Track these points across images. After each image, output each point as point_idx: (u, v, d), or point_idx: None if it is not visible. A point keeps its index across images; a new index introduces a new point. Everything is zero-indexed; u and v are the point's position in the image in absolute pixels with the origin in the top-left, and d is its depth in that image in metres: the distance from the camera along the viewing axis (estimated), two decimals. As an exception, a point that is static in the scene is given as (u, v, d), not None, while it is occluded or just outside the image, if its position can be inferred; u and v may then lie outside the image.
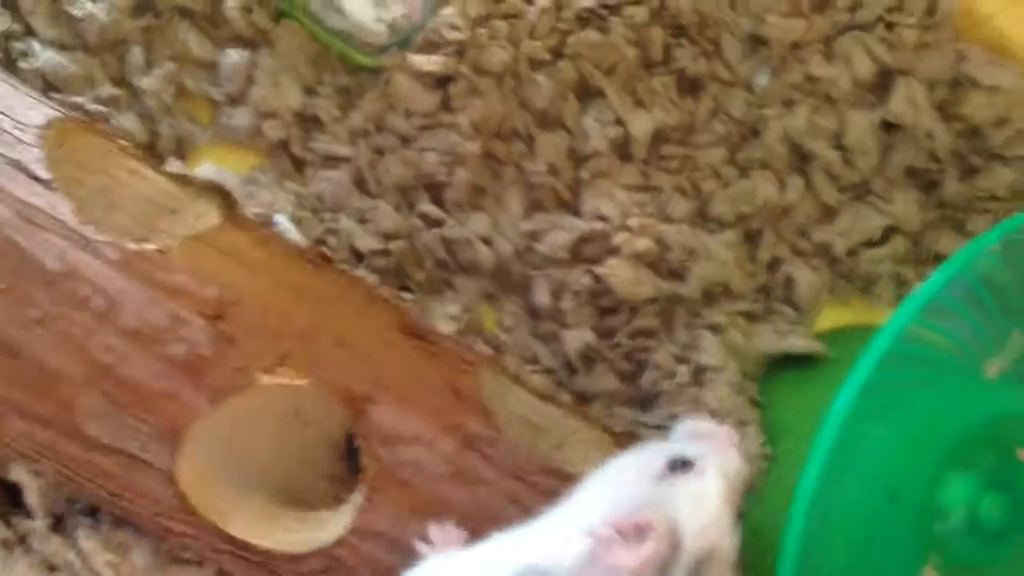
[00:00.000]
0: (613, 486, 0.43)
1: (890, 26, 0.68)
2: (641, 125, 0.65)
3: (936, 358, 0.54)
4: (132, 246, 0.47)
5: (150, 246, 0.48)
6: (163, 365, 0.47)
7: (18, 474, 0.51)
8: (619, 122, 0.65)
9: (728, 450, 0.45)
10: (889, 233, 0.68)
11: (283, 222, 0.58)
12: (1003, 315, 0.54)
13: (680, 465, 0.43)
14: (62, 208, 0.47)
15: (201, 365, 0.47)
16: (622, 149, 0.66)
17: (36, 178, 0.48)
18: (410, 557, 0.47)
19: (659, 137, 0.66)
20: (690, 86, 0.68)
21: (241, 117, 0.61)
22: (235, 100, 0.61)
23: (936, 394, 0.56)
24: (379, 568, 0.49)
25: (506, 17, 0.63)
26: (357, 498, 0.49)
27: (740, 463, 0.45)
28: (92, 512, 0.50)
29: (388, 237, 0.60)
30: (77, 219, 0.47)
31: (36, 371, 0.47)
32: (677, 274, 0.64)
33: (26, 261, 0.46)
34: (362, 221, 0.61)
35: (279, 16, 0.62)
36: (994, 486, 0.58)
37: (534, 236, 0.63)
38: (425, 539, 0.48)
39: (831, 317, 0.69)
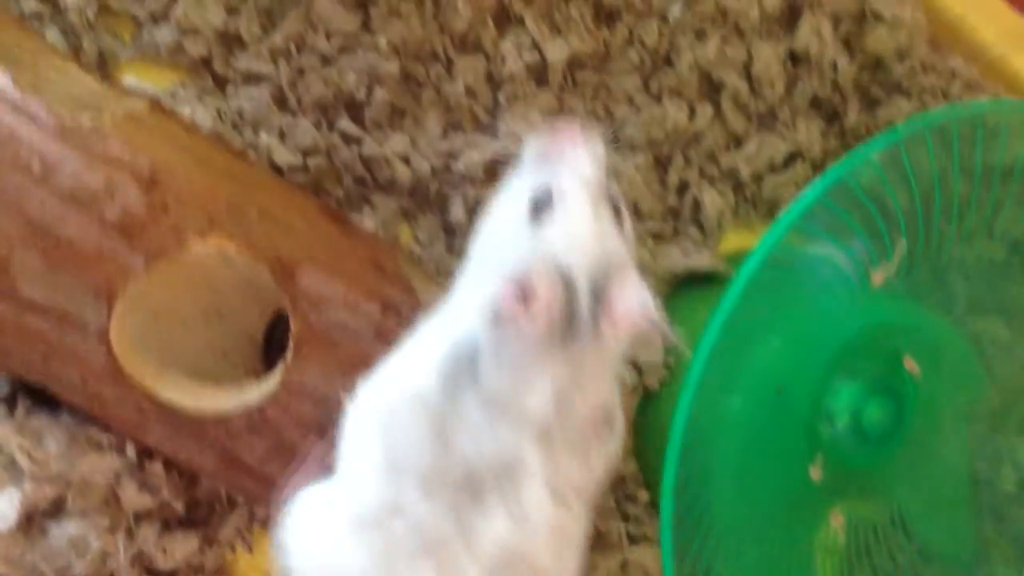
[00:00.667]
0: (493, 251, 0.43)
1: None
2: (557, 52, 0.67)
3: (823, 267, 0.58)
4: (68, 119, 0.49)
5: (86, 120, 0.49)
6: (99, 227, 0.48)
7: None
8: (536, 47, 0.67)
9: (577, 156, 0.43)
10: (792, 159, 0.72)
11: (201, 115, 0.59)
12: (887, 224, 0.57)
13: (542, 204, 0.41)
14: (1, 79, 0.49)
15: (136, 228, 0.49)
16: (538, 74, 0.68)
17: None
18: (337, 413, 0.45)
19: (575, 63, 0.69)
20: (606, 15, 0.70)
21: (163, 34, 0.62)
22: (157, 18, 0.62)
23: (824, 302, 0.60)
24: (306, 423, 0.51)
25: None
26: (285, 358, 0.51)
27: (592, 161, 0.43)
28: (7, 400, 0.52)
29: (307, 153, 0.62)
30: (15, 89, 0.48)
31: None
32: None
33: None
34: (282, 137, 0.62)
35: (201, -65, 0.63)
36: (879, 392, 0.62)
37: (451, 155, 0.65)
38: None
39: (735, 240, 0.72)
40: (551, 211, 0.41)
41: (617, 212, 0.43)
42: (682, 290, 0.69)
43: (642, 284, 0.40)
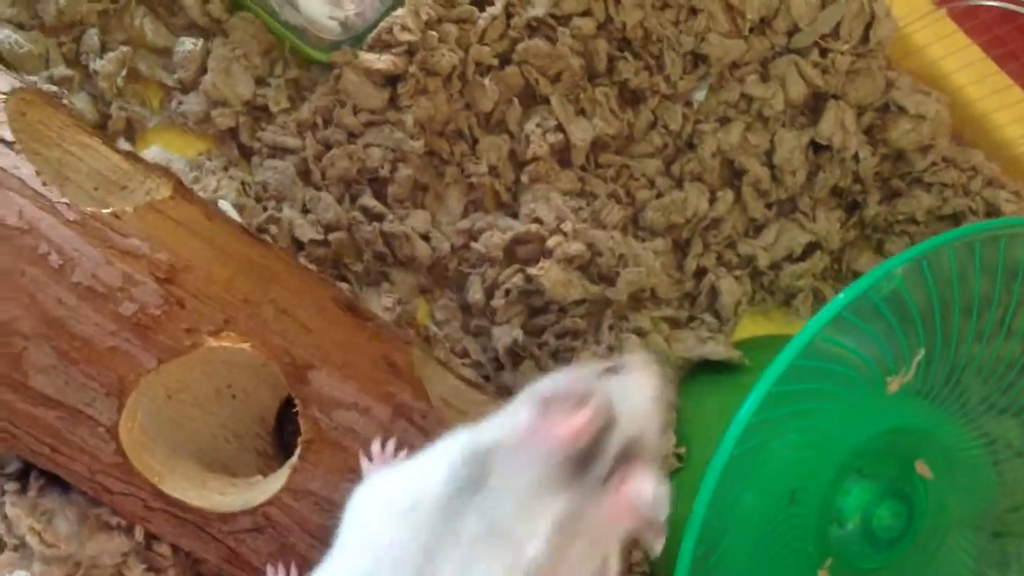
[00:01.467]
0: (552, 381, 0.43)
1: (824, 52, 0.71)
2: (581, 133, 0.68)
3: (842, 372, 0.58)
4: (89, 209, 0.49)
5: (106, 210, 0.49)
6: (114, 324, 0.48)
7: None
8: (560, 129, 0.67)
9: (650, 366, 0.45)
10: (811, 249, 0.72)
11: (227, 207, 0.59)
12: (906, 334, 0.57)
13: (613, 370, 0.43)
14: (24, 169, 0.48)
15: (151, 325, 0.49)
16: (561, 155, 0.68)
17: (0, 139, 0.49)
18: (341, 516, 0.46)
19: (598, 145, 0.69)
20: (631, 98, 0.70)
21: (192, 103, 0.62)
22: (187, 87, 0.63)
23: (840, 406, 0.60)
24: (310, 526, 0.51)
25: (458, 22, 0.65)
26: (292, 460, 0.51)
27: (661, 378, 0.45)
28: (19, 478, 0.52)
29: (329, 228, 0.62)
30: (38, 180, 0.48)
31: None
32: (606, 278, 0.67)
33: None
34: (304, 211, 0.63)
35: (235, 7, 0.64)
36: (890, 496, 0.62)
37: (471, 234, 0.65)
38: (368, 455, 0.50)
39: (751, 327, 0.72)
40: (619, 376, 0.43)
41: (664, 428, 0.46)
42: (696, 375, 0.69)
43: (662, 484, 0.40)
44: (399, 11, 0.64)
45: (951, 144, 0.74)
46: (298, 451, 0.50)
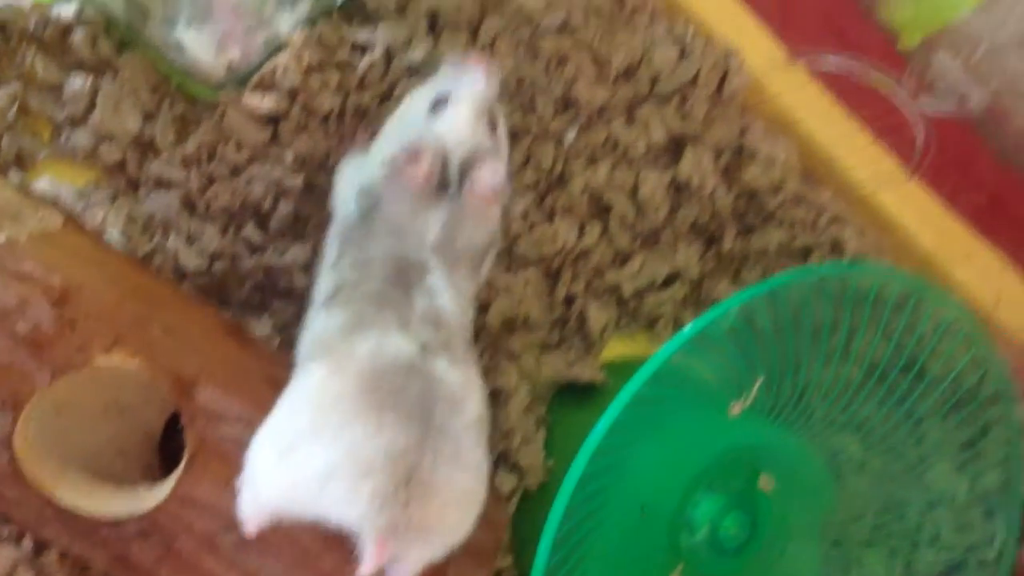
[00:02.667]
0: (397, 128, 0.60)
1: (684, 100, 0.77)
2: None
3: (689, 396, 0.63)
4: None
5: (2, 238, 0.52)
6: (10, 341, 0.52)
7: None
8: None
9: (477, 79, 0.59)
10: (671, 279, 0.77)
11: (114, 237, 0.62)
12: (747, 364, 0.63)
13: (440, 104, 0.58)
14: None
15: (44, 343, 0.52)
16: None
17: None
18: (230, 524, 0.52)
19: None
20: (512, 135, 0.75)
21: (80, 138, 0.65)
22: (76, 122, 0.66)
23: (689, 426, 0.65)
24: (196, 533, 0.54)
25: (339, 66, 0.70)
26: (178, 470, 0.54)
27: (485, 86, 0.59)
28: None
29: (212, 258, 0.65)
30: None
31: None
32: (481, 306, 0.71)
33: None
34: (189, 241, 0.66)
35: (123, 46, 0.67)
36: (735, 507, 0.67)
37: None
38: None
39: (618, 347, 0.77)
40: (444, 110, 0.57)
41: (494, 124, 0.59)
42: (563, 396, 0.74)
43: (500, 170, 0.56)
44: (282, 55, 0.68)
45: (802, 183, 0.80)
46: (184, 462, 0.53)
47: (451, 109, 0.57)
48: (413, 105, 0.60)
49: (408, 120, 0.60)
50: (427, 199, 0.55)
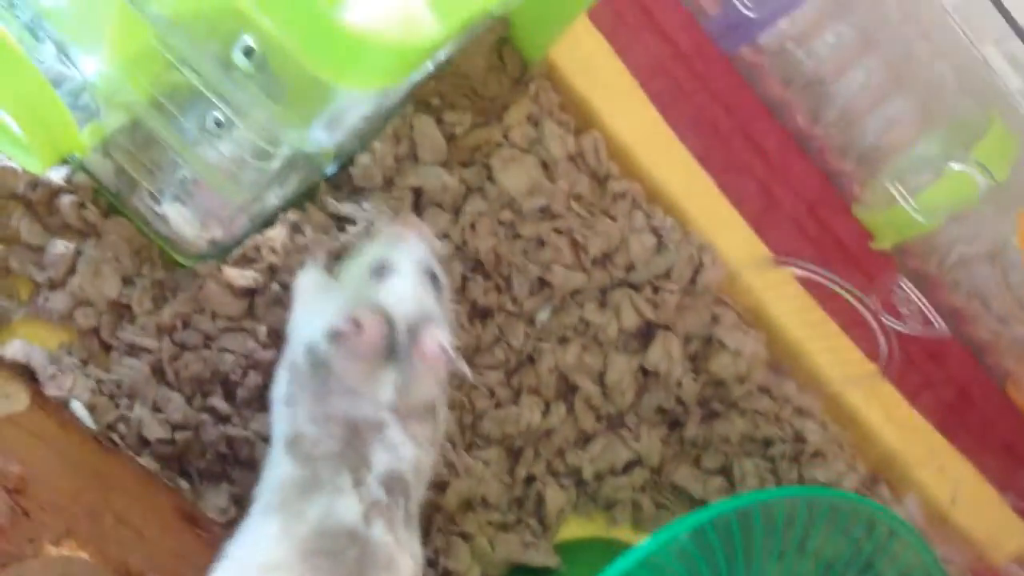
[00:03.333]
0: (338, 295, 0.60)
1: (656, 289, 0.79)
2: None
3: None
4: None
5: None
6: None
7: None
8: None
9: (415, 244, 0.61)
10: (632, 465, 0.78)
11: (79, 408, 0.63)
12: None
13: (381, 269, 0.59)
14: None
15: None
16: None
17: None
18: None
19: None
20: (481, 313, 0.77)
21: (57, 301, 0.66)
22: (55, 285, 0.67)
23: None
24: None
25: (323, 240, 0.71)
26: None
27: (426, 249, 0.61)
28: None
29: (176, 427, 0.66)
30: None
31: None
32: (438, 485, 0.72)
33: None
34: (156, 410, 0.67)
35: (111, 211, 0.68)
36: None
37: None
38: None
39: (575, 527, 0.78)
40: (388, 277, 0.59)
41: (437, 284, 0.61)
42: (518, 574, 0.75)
43: (446, 333, 0.58)
44: (271, 231, 0.69)
45: (769, 374, 0.82)
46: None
47: (394, 277, 0.59)
48: (354, 271, 0.62)
49: (350, 287, 0.61)
50: (377, 364, 0.57)
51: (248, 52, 0.48)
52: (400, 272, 0.59)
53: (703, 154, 0.82)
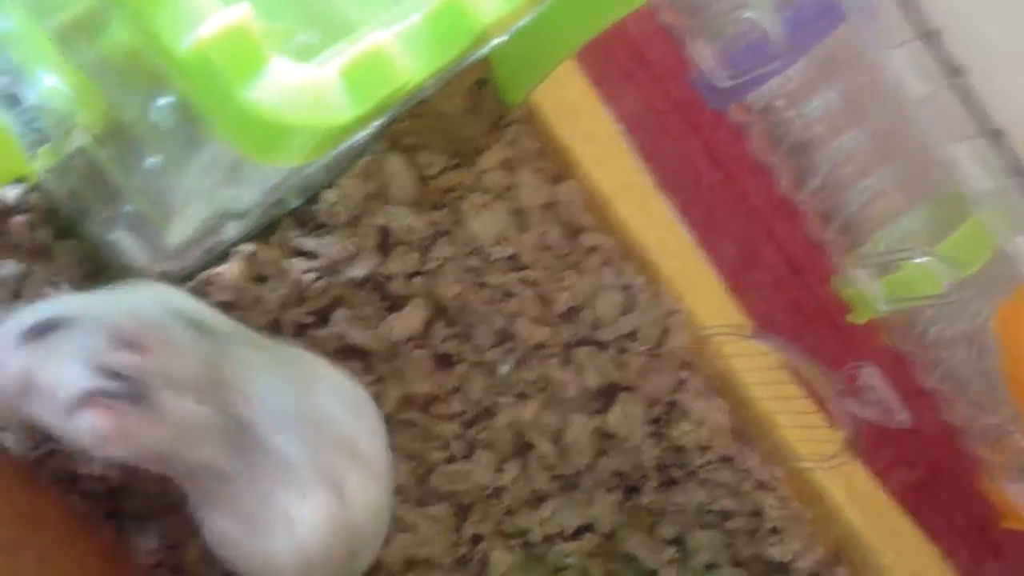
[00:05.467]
0: None
1: (623, 350, 0.76)
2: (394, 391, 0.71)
3: None
4: None
5: None
6: None
7: None
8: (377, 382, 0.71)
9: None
10: (583, 530, 0.76)
11: (8, 439, 0.61)
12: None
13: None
14: None
15: None
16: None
17: None
18: None
19: (404, 402, 0.72)
20: (441, 361, 0.74)
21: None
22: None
23: None
24: None
25: (278, 278, 0.69)
26: None
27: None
28: None
29: (110, 465, 0.64)
30: None
31: None
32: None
33: None
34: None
35: (64, 232, 0.66)
36: None
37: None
38: None
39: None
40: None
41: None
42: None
43: None
44: (223, 265, 0.67)
45: (731, 443, 0.79)
46: None
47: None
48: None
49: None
50: None
51: (169, 107, 0.45)
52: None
53: (685, 208, 0.79)
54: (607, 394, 0.77)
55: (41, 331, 0.51)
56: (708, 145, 0.82)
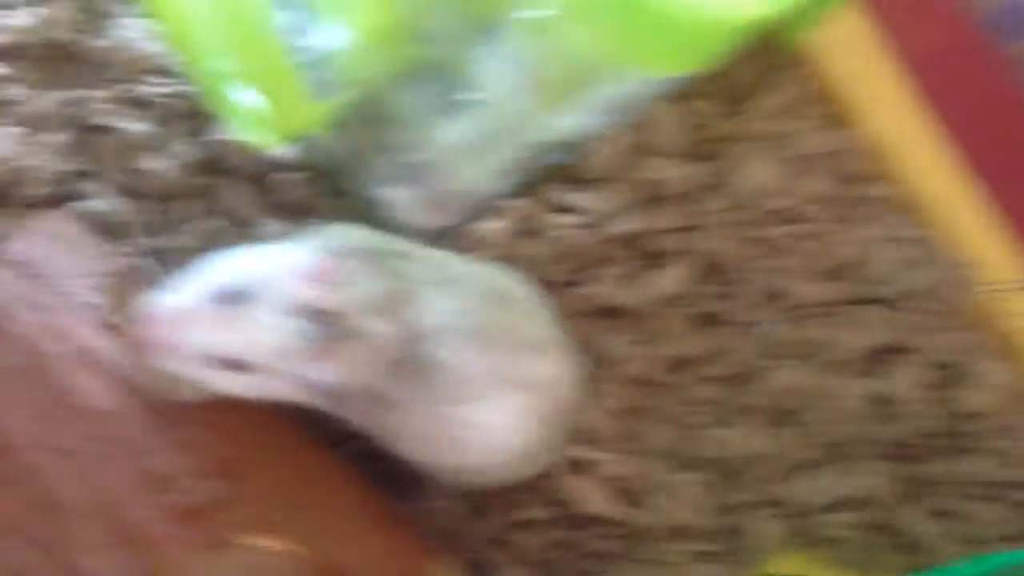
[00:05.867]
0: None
1: (903, 308, 0.70)
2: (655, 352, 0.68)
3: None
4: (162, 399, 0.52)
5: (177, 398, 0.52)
6: (169, 512, 0.50)
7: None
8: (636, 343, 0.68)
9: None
10: (851, 501, 0.71)
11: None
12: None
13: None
14: (118, 356, 0.51)
15: (204, 517, 0.51)
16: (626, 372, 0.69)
17: (100, 321, 0.52)
18: None
19: (671, 362, 0.69)
20: (703, 320, 0.70)
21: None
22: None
23: None
24: None
25: (531, 234, 0.67)
26: None
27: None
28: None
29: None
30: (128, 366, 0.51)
31: (47, 497, 0.50)
32: (644, 506, 0.67)
33: (72, 394, 0.51)
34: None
35: (331, 192, 0.65)
36: None
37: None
38: None
39: (779, 566, 0.72)
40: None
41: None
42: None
43: None
44: (494, 221, 0.65)
45: (1017, 413, 0.73)
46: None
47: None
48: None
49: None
50: None
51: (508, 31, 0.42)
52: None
53: (974, 157, 0.72)
54: (883, 356, 0.71)
55: (232, 295, 0.50)
56: (1001, 89, 0.73)
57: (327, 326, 0.49)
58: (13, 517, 0.51)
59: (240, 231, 0.64)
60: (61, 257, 0.53)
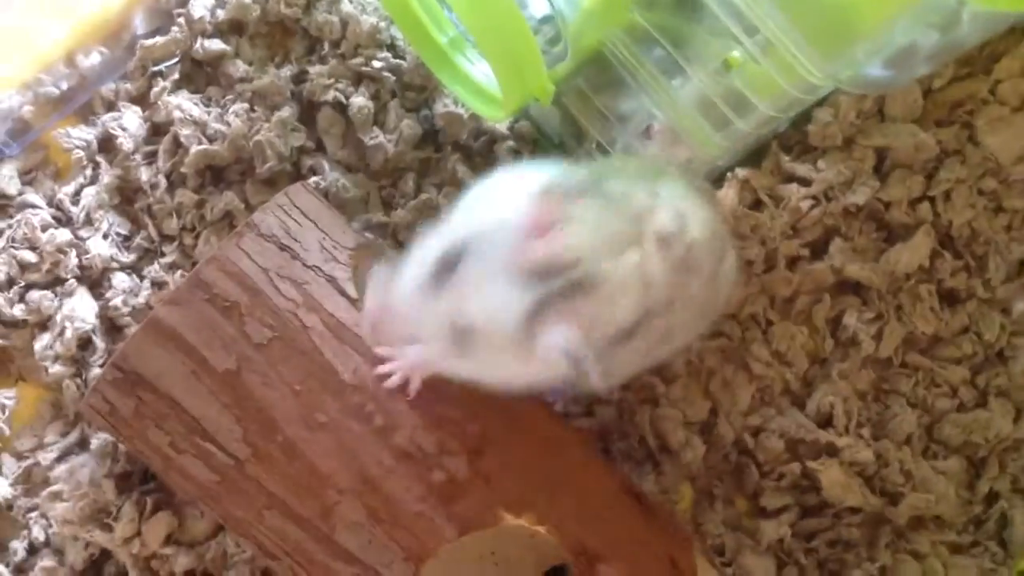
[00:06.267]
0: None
1: None
2: (897, 331, 0.64)
3: None
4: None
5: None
6: (423, 489, 0.49)
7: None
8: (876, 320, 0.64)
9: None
10: None
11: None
12: None
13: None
14: (364, 327, 0.49)
15: (456, 495, 0.49)
16: (866, 352, 0.64)
17: (345, 295, 0.51)
18: None
19: (908, 343, 0.65)
20: (947, 297, 0.65)
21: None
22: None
23: None
24: None
25: (759, 205, 0.63)
26: None
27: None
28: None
29: (594, 402, 0.62)
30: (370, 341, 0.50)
31: (308, 473, 0.49)
32: (888, 494, 0.63)
33: (325, 369, 0.49)
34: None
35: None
36: None
37: (756, 431, 0.63)
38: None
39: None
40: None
41: None
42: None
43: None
44: (721, 190, 0.62)
45: None
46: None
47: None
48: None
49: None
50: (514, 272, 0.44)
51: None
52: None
53: None
54: None
55: (446, 266, 0.44)
56: None
57: (563, 280, 0.42)
58: (280, 493, 0.50)
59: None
60: (307, 231, 0.53)
